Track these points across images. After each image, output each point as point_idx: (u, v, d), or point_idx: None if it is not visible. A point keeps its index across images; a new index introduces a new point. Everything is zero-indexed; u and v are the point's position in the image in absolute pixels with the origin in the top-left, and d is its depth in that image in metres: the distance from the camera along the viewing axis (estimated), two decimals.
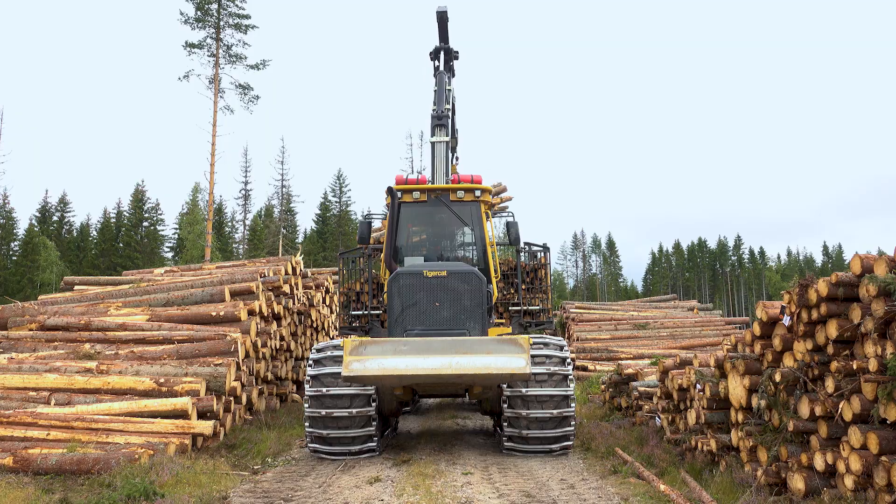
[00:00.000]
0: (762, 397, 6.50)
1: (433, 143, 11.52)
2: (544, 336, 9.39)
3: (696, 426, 8.11)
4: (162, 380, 9.59)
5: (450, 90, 12.69)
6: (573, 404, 8.78)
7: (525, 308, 11.04)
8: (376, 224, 14.56)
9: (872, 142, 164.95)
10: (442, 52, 13.23)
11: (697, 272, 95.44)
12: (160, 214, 61.47)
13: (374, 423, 8.85)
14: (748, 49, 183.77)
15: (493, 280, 10.46)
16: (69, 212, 63.76)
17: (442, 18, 13.08)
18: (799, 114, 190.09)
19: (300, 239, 63.50)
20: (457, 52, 13.53)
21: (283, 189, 60.94)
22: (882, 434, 5.08)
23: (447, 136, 11.60)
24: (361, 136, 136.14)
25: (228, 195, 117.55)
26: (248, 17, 38.13)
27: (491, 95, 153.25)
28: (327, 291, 17.76)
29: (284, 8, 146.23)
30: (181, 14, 37.14)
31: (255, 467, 8.56)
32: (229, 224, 65.44)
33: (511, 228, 10.72)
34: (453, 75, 13.41)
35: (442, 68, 13.03)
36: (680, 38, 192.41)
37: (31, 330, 11.96)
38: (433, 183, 11.18)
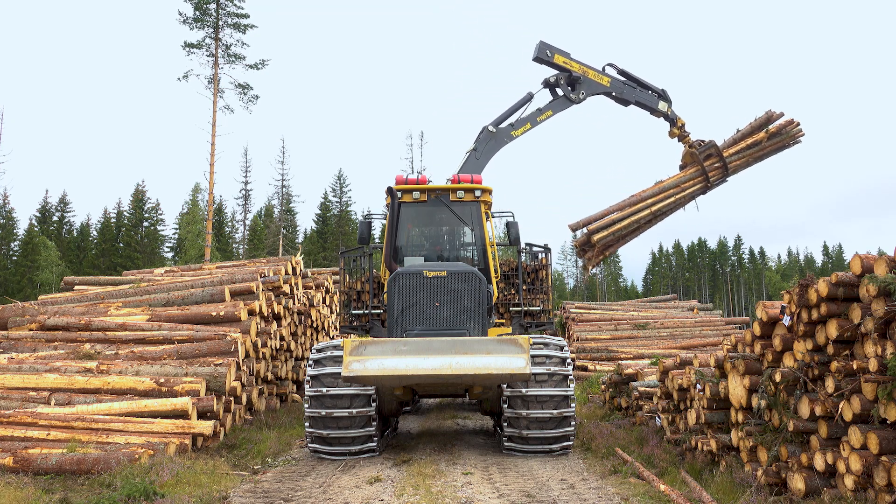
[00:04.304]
0: (762, 397, 6.50)
1: (467, 152, 11.98)
2: (544, 336, 9.38)
3: (696, 426, 8.11)
4: (162, 380, 9.59)
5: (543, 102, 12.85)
6: (573, 404, 8.78)
7: (526, 309, 11.04)
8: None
9: (867, 143, 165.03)
10: (552, 87, 13.18)
11: (697, 272, 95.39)
12: (160, 214, 61.48)
13: (374, 424, 8.85)
14: (748, 49, 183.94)
15: (494, 280, 10.46)
16: (69, 212, 63.74)
17: (541, 61, 12.93)
18: (797, 113, 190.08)
19: (300, 239, 63.49)
20: (562, 75, 13.11)
21: (283, 189, 60.99)
22: (882, 434, 5.08)
23: (475, 148, 12.23)
24: (361, 136, 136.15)
25: (228, 195, 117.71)
26: (246, 16, 38.17)
27: (489, 92, 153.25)
28: (327, 291, 17.77)
29: (284, 8, 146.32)
30: (180, 14, 37.21)
31: (255, 467, 8.56)
32: (229, 224, 65.43)
33: (511, 229, 10.72)
34: (572, 89, 13.18)
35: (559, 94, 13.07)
36: (678, 39, 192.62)
37: (31, 330, 11.96)
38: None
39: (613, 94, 13.76)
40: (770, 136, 13.93)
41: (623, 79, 13.88)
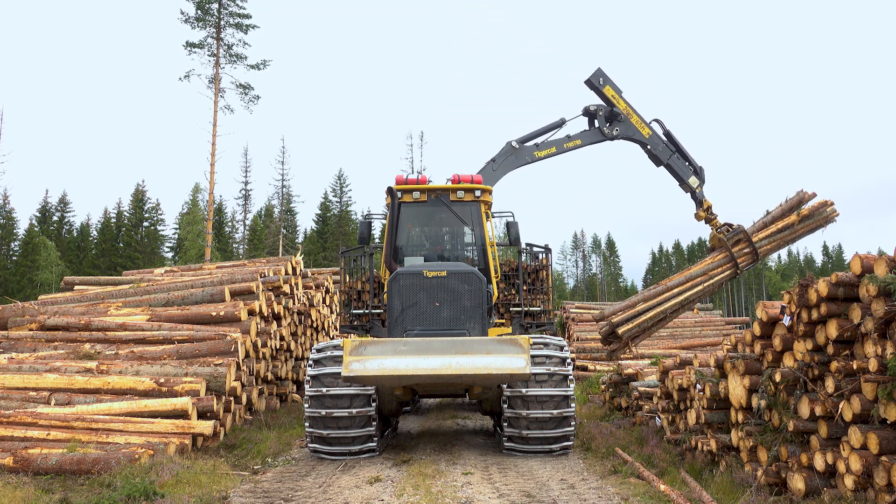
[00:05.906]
0: (762, 397, 6.50)
1: (486, 162, 12.12)
2: (544, 336, 9.39)
3: (696, 426, 8.11)
4: (162, 380, 9.59)
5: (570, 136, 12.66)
6: (573, 404, 8.78)
7: (526, 309, 11.05)
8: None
9: (867, 143, 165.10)
10: (590, 115, 12.92)
11: None
12: (160, 214, 61.45)
13: (374, 423, 8.85)
14: (747, 50, 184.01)
15: (494, 280, 10.46)
16: (69, 212, 63.72)
17: (592, 85, 12.73)
18: (795, 112, 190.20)
19: (300, 239, 63.49)
20: (604, 108, 12.83)
21: (283, 189, 61.04)
22: (882, 434, 5.08)
23: (493, 159, 12.16)
24: (361, 136, 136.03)
25: (228, 195, 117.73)
26: (248, 16, 38.14)
27: (489, 92, 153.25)
28: (327, 291, 17.77)
29: (284, 8, 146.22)
30: (181, 13, 37.17)
31: (255, 467, 8.56)
32: (229, 224, 65.43)
33: (511, 229, 10.72)
34: (609, 124, 12.88)
35: (597, 125, 12.84)
36: (675, 41, 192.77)
37: (31, 330, 11.96)
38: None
39: (648, 147, 13.35)
40: (802, 219, 12.99)
41: (665, 139, 13.43)
